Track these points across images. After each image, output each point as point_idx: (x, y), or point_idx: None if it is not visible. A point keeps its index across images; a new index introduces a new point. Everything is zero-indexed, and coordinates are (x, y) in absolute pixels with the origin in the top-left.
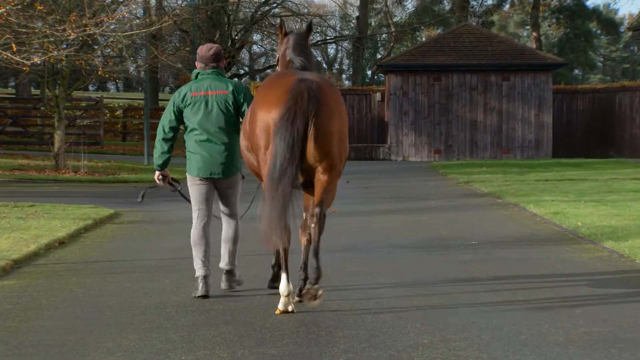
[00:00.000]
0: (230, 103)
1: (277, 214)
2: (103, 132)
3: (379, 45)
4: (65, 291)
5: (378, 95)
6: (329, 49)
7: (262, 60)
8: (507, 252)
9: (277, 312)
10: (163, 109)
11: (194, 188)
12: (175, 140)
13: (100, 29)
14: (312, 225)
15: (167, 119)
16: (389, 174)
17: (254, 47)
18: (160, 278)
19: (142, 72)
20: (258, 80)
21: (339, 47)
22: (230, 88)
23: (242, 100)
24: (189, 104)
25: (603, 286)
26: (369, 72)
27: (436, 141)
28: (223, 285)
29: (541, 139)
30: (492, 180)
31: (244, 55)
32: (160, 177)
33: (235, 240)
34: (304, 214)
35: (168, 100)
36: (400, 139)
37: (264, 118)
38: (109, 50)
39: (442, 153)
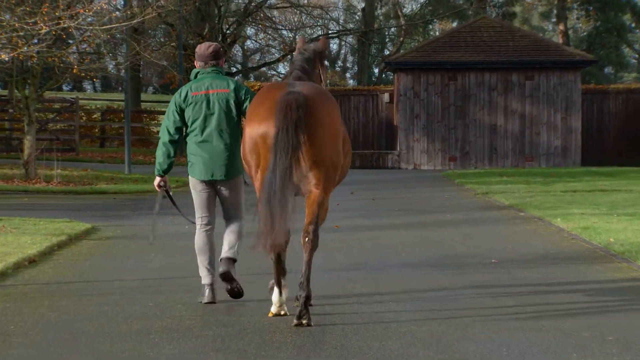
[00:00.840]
0: (232, 102)
1: (270, 222)
2: (79, 138)
3: (387, 40)
4: (35, 315)
5: (386, 96)
6: (331, 45)
7: (257, 57)
8: (530, 272)
9: (270, 314)
10: (146, 111)
11: (197, 195)
12: (181, 142)
13: (76, 22)
14: (305, 241)
15: (170, 120)
16: (399, 184)
17: (248, 42)
18: (142, 301)
19: (123, 71)
20: (252, 79)
21: (343, 43)
22: (232, 86)
23: (243, 98)
24: (190, 104)
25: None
26: (376, 70)
27: (451, 147)
28: (222, 268)
29: (569, 145)
30: (513, 191)
31: (237, 51)
32: (162, 182)
33: (239, 234)
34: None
35: (151, 101)
36: (411, 145)
37: (252, 134)
38: (85, 46)
39: (457, 161)
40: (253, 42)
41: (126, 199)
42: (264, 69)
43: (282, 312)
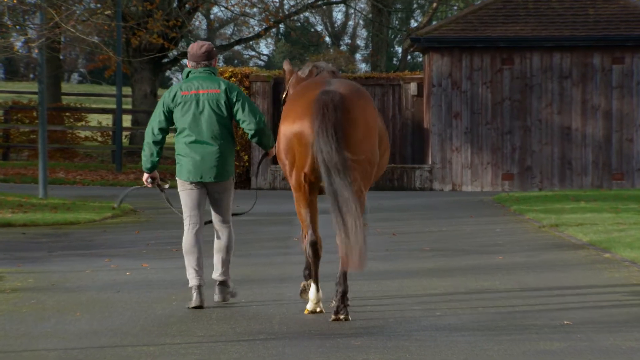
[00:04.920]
0: (223, 103)
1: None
2: None
3: (415, 5)
4: None
5: (413, 87)
6: (335, 14)
7: (228, 31)
8: (619, 338)
9: (306, 312)
10: (69, 108)
11: (185, 194)
12: (164, 143)
13: None
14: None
15: (156, 120)
16: (430, 213)
17: (215, 9)
18: None
19: (36, 50)
20: (222, 63)
21: (351, 11)
22: (223, 87)
23: (234, 100)
24: (179, 104)
25: None
26: (399, 50)
27: (506, 160)
28: (216, 297)
29: None
30: (595, 222)
31: (200, 22)
32: (149, 179)
33: (228, 249)
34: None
35: (77, 94)
36: (449, 157)
37: (287, 133)
38: None
39: (515, 179)
40: (222, 9)
41: (40, 233)
42: (238, 47)
43: (318, 309)
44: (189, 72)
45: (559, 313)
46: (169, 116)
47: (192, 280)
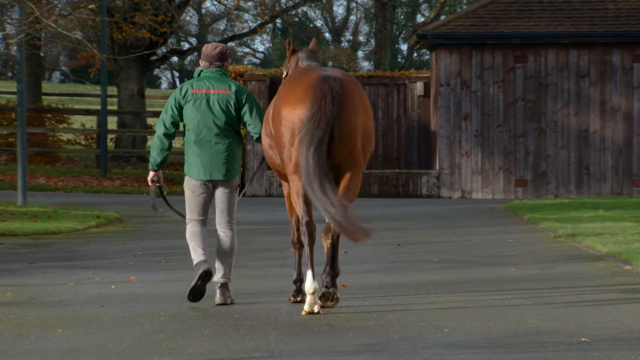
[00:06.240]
0: (232, 104)
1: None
2: None
3: (421, 0)
4: None
5: (419, 87)
6: (335, 8)
7: (221, 26)
8: None
9: (303, 312)
10: (51, 109)
11: (193, 198)
12: (174, 138)
13: None
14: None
15: (168, 114)
16: (438, 222)
17: (207, 4)
18: None
19: (15, 47)
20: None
21: (353, 5)
22: (234, 89)
23: (244, 102)
24: (190, 101)
25: None
26: (404, 47)
27: (519, 165)
28: (218, 299)
29: None
30: (614, 232)
31: (191, 16)
32: (155, 177)
33: (231, 251)
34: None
35: (59, 94)
36: (458, 162)
37: (288, 116)
38: None
39: (528, 186)
40: (215, 3)
41: (19, 244)
42: (231, 44)
43: (316, 309)
44: (201, 71)
45: (575, 329)
46: (179, 111)
47: (198, 257)
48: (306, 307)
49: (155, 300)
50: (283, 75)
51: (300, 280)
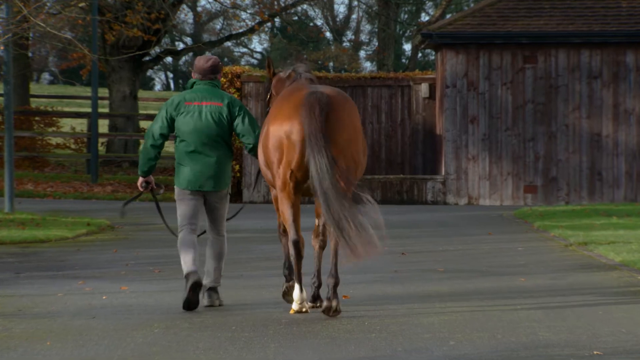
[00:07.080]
0: (225, 116)
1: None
2: None
3: None
4: None
5: (424, 88)
6: (336, 6)
7: (217, 25)
8: None
9: (292, 312)
10: (39, 112)
11: (183, 204)
12: (163, 148)
13: None
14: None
15: (157, 125)
16: (444, 230)
17: (202, 1)
18: None
19: (1, 47)
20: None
21: (355, 3)
22: (226, 101)
23: (236, 114)
24: (182, 113)
25: None
26: (408, 47)
27: (528, 171)
28: (205, 301)
29: None
30: (628, 240)
31: (185, 15)
32: (144, 183)
33: (221, 257)
34: (316, 221)
35: (48, 96)
36: (464, 167)
37: (276, 133)
38: None
39: (538, 192)
40: (211, 1)
41: (6, 253)
42: (228, 44)
43: (304, 309)
44: (194, 82)
45: (587, 342)
46: (170, 123)
47: (188, 267)
48: (294, 307)
49: (148, 312)
50: (266, 99)
51: (289, 269)
